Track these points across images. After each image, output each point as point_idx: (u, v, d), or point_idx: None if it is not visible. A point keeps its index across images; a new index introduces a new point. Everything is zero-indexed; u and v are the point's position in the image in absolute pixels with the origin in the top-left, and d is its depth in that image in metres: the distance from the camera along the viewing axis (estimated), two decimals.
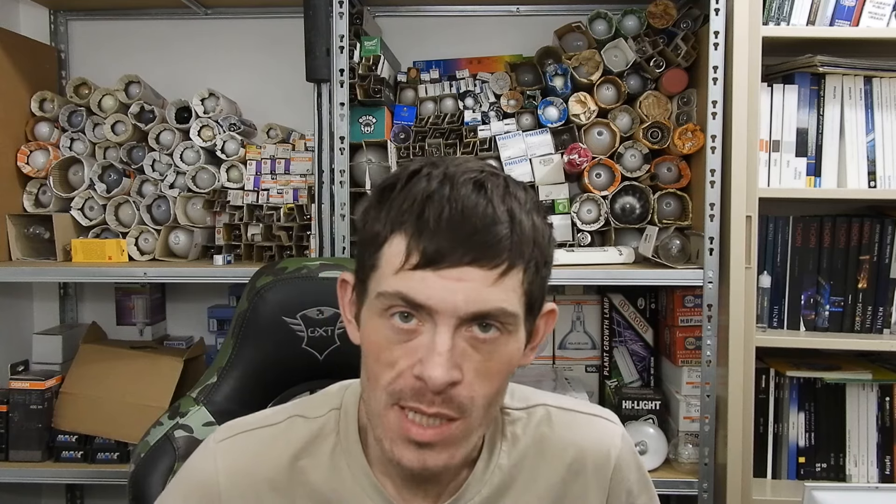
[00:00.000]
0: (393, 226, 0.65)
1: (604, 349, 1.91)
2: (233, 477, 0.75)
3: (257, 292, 1.06)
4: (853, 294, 1.68)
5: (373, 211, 0.68)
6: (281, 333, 1.04)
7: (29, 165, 1.87)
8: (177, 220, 1.82)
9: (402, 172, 0.68)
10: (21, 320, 2.06)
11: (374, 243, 0.67)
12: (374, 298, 0.66)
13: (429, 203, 0.64)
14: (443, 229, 0.63)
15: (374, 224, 0.67)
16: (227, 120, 1.86)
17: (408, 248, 0.64)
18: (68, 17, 2.06)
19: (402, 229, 0.65)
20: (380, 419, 0.68)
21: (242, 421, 0.80)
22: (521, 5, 1.97)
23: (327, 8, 1.61)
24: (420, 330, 0.65)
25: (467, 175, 0.66)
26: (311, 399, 0.82)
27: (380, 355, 0.66)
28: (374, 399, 0.68)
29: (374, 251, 0.67)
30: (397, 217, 0.65)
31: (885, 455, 1.70)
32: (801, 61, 1.65)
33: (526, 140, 1.79)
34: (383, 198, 0.68)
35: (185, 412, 1.02)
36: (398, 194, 0.66)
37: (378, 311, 0.66)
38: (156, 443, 0.99)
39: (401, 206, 0.65)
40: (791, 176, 1.66)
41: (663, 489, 1.70)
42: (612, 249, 1.72)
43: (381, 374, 0.66)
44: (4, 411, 1.76)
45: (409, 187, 0.66)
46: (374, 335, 0.67)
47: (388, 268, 0.65)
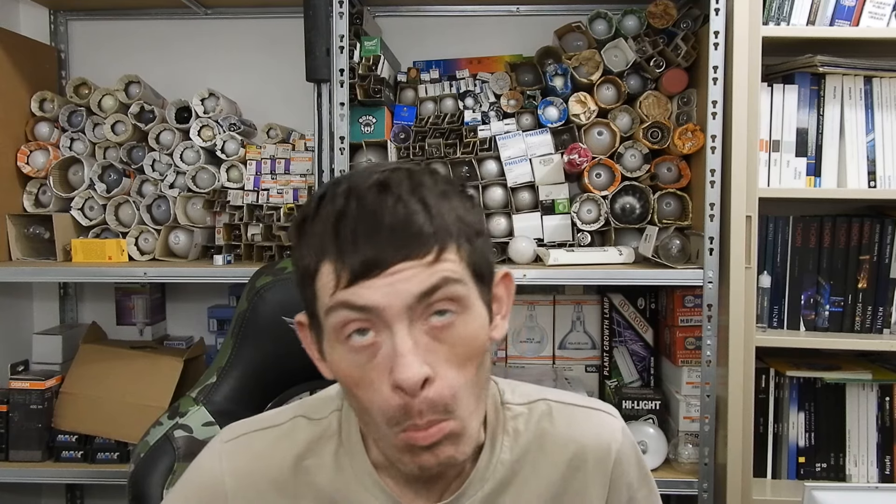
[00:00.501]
0: (317, 256, 0.65)
1: (604, 349, 1.91)
2: (239, 478, 0.75)
3: (257, 292, 1.06)
4: (853, 294, 1.68)
5: (297, 249, 0.68)
6: (280, 333, 1.04)
7: (29, 165, 1.87)
8: (177, 220, 1.82)
9: (311, 202, 0.68)
10: (21, 320, 2.06)
11: (307, 277, 0.67)
12: (326, 321, 0.66)
13: (341, 223, 0.63)
14: (361, 243, 0.63)
15: (301, 260, 0.67)
16: (227, 120, 1.86)
17: (336, 272, 0.63)
18: (68, 17, 2.06)
19: (326, 257, 0.64)
20: (390, 445, 0.68)
21: (247, 422, 0.80)
22: (521, 5, 1.98)
23: (327, 8, 1.61)
24: (379, 342, 0.64)
25: (369, 181, 0.65)
26: (313, 400, 0.82)
27: (358, 382, 0.66)
28: (372, 425, 0.68)
29: (309, 284, 0.67)
30: (318, 246, 0.65)
31: (885, 455, 1.70)
32: (801, 61, 1.65)
33: (526, 140, 1.79)
34: (302, 232, 0.68)
35: (185, 412, 1.02)
36: (311, 225, 0.66)
37: (334, 334, 0.65)
38: (155, 443, 0.99)
39: (318, 235, 0.65)
40: (791, 176, 1.66)
41: (663, 489, 1.69)
42: (612, 249, 1.72)
43: (369, 400, 0.65)
44: (4, 411, 1.77)
45: (320, 214, 0.65)
46: (343, 363, 0.66)
47: (325, 295, 0.65)
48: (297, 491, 0.75)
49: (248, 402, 1.04)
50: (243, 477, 0.75)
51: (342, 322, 0.64)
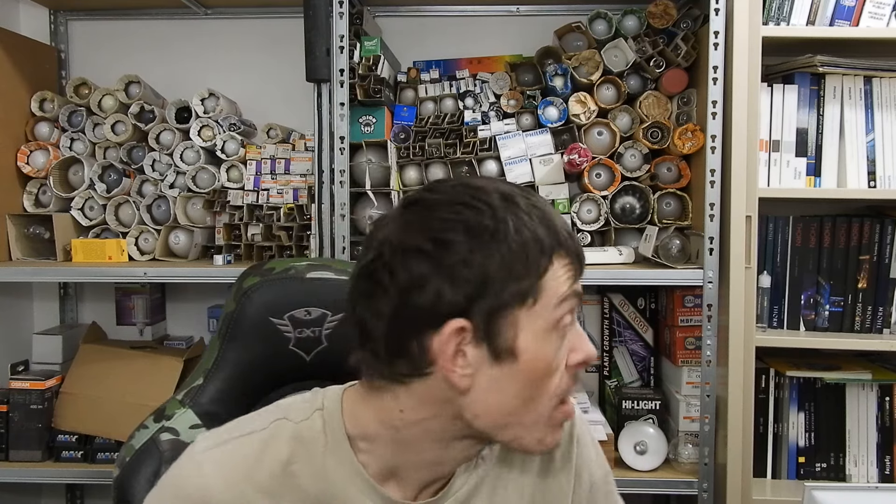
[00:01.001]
0: (552, 252, 0.71)
1: (604, 349, 1.91)
2: (226, 487, 0.73)
3: (244, 293, 1.04)
4: (853, 294, 1.68)
5: (490, 245, 0.69)
6: (268, 334, 1.03)
7: (29, 165, 1.87)
8: (177, 220, 1.83)
9: (478, 200, 0.70)
10: (21, 320, 2.06)
11: (530, 275, 0.69)
12: (553, 311, 0.71)
13: (564, 225, 0.73)
14: (574, 245, 0.73)
15: (515, 261, 0.69)
16: (227, 120, 1.86)
17: (571, 265, 0.72)
18: (68, 17, 2.06)
19: (561, 251, 0.71)
20: (544, 425, 0.74)
21: (225, 429, 0.78)
22: (521, 5, 1.98)
23: (327, 8, 1.61)
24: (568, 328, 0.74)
25: (541, 197, 0.75)
26: (291, 403, 0.81)
27: (551, 368, 0.72)
28: (539, 413, 0.73)
29: (533, 280, 0.70)
30: (552, 243, 0.71)
31: (884, 455, 1.70)
32: (801, 61, 1.65)
33: (526, 140, 1.79)
34: (498, 231, 0.69)
35: (171, 415, 1.00)
36: (529, 224, 0.70)
37: (553, 324, 0.71)
38: (141, 446, 0.97)
39: (551, 234, 0.71)
40: (791, 176, 1.66)
41: (663, 489, 1.70)
42: (612, 249, 1.72)
43: (550, 384, 0.72)
44: (4, 411, 1.76)
45: (536, 217, 0.71)
46: (549, 350, 0.71)
47: (560, 286, 0.71)
48: (285, 495, 0.74)
49: (235, 403, 1.01)
50: (231, 486, 0.73)
51: (569, 309, 0.72)
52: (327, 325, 1.03)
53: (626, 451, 1.69)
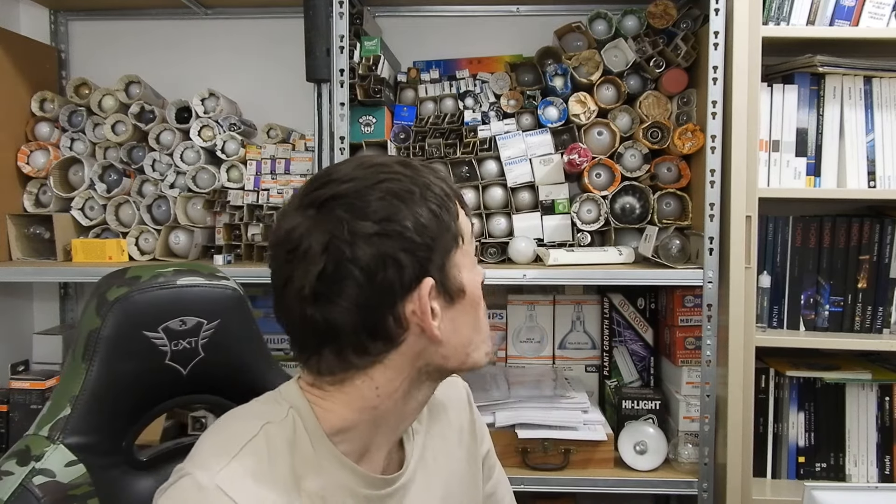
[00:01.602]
0: (454, 199, 0.81)
1: (604, 349, 1.91)
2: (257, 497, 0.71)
3: (110, 307, 0.91)
4: (853, 294, 1.68)
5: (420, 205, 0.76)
6: (142, 350, 0.92)
7: (29, 165, 1.87)
8: (177, 220, 1.83)
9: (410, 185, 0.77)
10: (21, 320, 2.06)
11: (451, 222, 0.79)
12: (471, 245, 0.82)
13: (441, 174, 0.82)
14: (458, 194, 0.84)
15: (438, 214, 0.77)
16: (227, 120, 1.86)
17: (463, 206, 0.83)
18: (68, 17, 2.06)
19: (457, 196, 0.82)
20: (485, 338, 0.83)
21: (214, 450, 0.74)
22: (521, 5, 1.98)
23: (327, 8, 1.61)
24: None
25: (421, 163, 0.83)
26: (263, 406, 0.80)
27: (480, 289, 0.83)
28: (482, 331, 0.83)
29: (454, 228, 0.79)
30: (449, 196, 0.80)
31: (884, 455, 1.70)
32: (800, 61, 1.65)
33: (526, 140, 1.79)
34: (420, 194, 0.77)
35: (40, 455, 0.86)
36: (433, 185, 0.79)
37: (474, 260, 0.83)
38: (9, 497, 0.82)
39: (445, 189, 0.80)
40: (791, 176, 1.66)
41: (663, 489, 1.70)
42: (612, 249, 1.72)
43: (483, 304, 0.83)
44: (5, 411, 1.76)
45: (432, 177, 0.79)
46: (477, 275, 0.82)
47: (467, 225, 0.82)
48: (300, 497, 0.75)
49: (111, 430, 0.92)
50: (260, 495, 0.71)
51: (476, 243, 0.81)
52: (203, 334, 0.96)
53: (626, 451, 1.69)
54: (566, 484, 1.65)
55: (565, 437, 1.66)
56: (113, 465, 0.91)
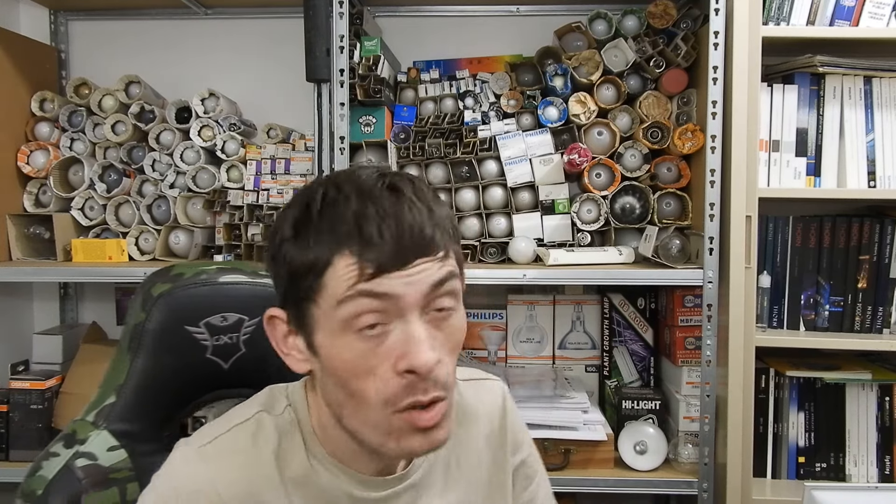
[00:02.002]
0: (332, 250, 0.68)
1: (604, 349, 1.91)
2: (229, 480, 0.74)
3: (155, 302, 0.97)
4: (853, 294, 1.68)
5: (294, 241, 0.70)
6: (184, 344, 0.97)
7: (29, 165, 1.87)
8: (177, 220, 1.83)
9: (308, 200, 0.70)
10: (21, 320, 2.06)
11: (313, 271, 0.69)
12: (336, 311, 0.68)
13: (362, 220, 0.67)
14: (386, 240, 0.67)
15: (303, 254, 0.69)
16: (227, 120, 1.86)
17: (358, 265, 0.67)
18: (68, 17, 2.06)
19: (344, 250, 0.67)
20: (380, 428, 0.71)
21: (205, 430, 0.79)
22: (521, 5, 1.98)
23: (327, 8, 1.61)
24: (388, 331, 0.69)
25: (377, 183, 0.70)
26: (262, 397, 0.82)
27: (357, 371, 0.69)
28: (366, 415, 0.70)
29: (314, 279, 0.69)
30: (334, 242, 0.68)
31: (884, 455, 1.70)
32: (801, 61, 1.65)
33: (526, 140, 1.79)
34: (303, 229, 0.70)
35: (84, 438, 0.92)
36: (320, 221, 0.69)
37: (343, 324, 0.68)
38: (54, 476, 0.88)
39: (332, 231, 0.68)
40: (791, 176, 1.66)
41: (663, 489, 1.70)
42: (612, 249, 1.72)
43: (365, 388, 0.69)
44: (5, 411, 1.76)
45: (329, 211, 0.69)
46: (346, 353, 0.69)
47: (340, 286, 0.67)
48: (282, 484, 0.77)
49: (153, 419, 0.96)
50: (233, 478, 0.74)
51: (357, 312, 0.67)
52: (245, 330, 0.99)
53: (626, 451, 1.69)
54: (566, 484, 1.65)
55: (565, 437, 1.66)
56: (154, 452, 0.94)
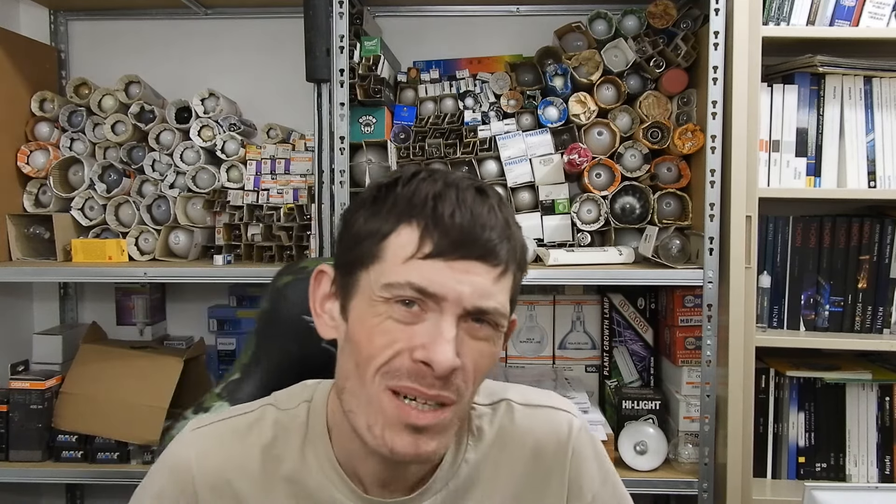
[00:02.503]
0: (400, 218, 0.68)
1: (604, 349, 1.91)
2: (205, 462, 0.77)
3: (278, 291, 1.07)
4: (853, 294, 1.68)
5: (370, 207, 0.71)
6: (301, 332, 1.04)
7: (29, 165, 1.87)
8: (177, 220, 1.82)
9: (400, 174, 0.71)
10: (21, 320, 2.06)
11: (375, 236, 0.69)
12: (379, 289, 0.68)
13: (440, 200, 0.67)
14: (456, 224, 0.66)
15: (372, 220, 0.70)
16: (227, 120, 1.86)
17: (421, 238, 0.66)
18: (68, 17, 2.06)
19: (413, 221, 0.67)
20: (371, 405, 0.69)
21: (224, 410, 0.83)
22: (521, 5, 1.98)
23: (327, 8, 1.61)
24: (423, 317, 0.67)
25: (467, 182, 0.70)
26: (285, 391, 0.84)
27: (374, 338, 0.68)
28: (365, 385, 0.69)
29: (374, 243, 0.69)
30: (406, 210, 0.68)
31: (885, 455, 1.70)
32: (801, 61, 1.65)
33: (526, 140, 1.79)
34: (382, 195, 0.70)
35: (209, 407, 1.03)
36: (403, 190, 0.69)
37: (381, 292, 0.68)
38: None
39: (410, 201, 0.68)
40: (791, 176, 1.66)
41: (663, 489, 1.70)
42: (612, 249, 1.72)
43: (374, 356, 0.68)
44: (4, 411, 1.76)
45: (414, 186, 0.69)
46: (374, 318, 0.68)
47: (396, 257, 0.67)
48: (264, 478, 0.77)
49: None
50: (210, 463, 0.77)
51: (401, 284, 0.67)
52: None
53: (626, 451, 1.69)
54: None
55: None
56: None
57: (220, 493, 0.76)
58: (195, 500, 0.77)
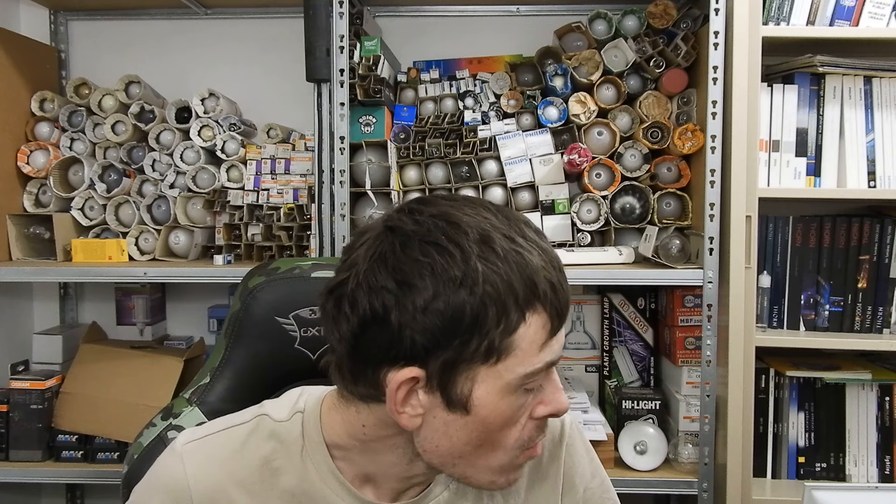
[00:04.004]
0: (525, 307, 0.66)
1: (604, 349, 1.91)
2: (203, 479, 0.75)
3: (249, 292, 1.05)
4: (853, 294, 1.68)
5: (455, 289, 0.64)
6: (274, 333, 1.03)
7: (29, 165, 1.87)
8: (177, 220, 1.83)
9: (461, 253, 0.65)
10: (21, 320, 2.06)
11: (501, 326, 0.65)
12: (518, 379, 0.67)
13: (557, 284, 0.68)
14: (564, 297, 0.69)
15: (484, 300, 0.64)
16: (227, 120, 1.86)
17: (552, 324, 0.68)
18: (68, 17, 2.06)
19: (538, 308, 0.66)
20: (503, 470, 0.73)
21: (209, 424, 0.81)
22: (521, 5, 1.98)
23: (327, 8, 1.61)
24: (540, 385, 0.72)
25: (533, 236, 0.69)
26: (275, 401, 0.82)
27: (509, 422, 0.70)
28: (495, 460, 0.71)
29: (503, 336, 0.65)
30: (526, 296, 0.65)
31: (884, 455, 1.70)
32: (801, 61, 1.65)
33: (526, 140, 1.79)
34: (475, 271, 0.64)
35: (178, 413, 1.01)
36: (498, 268, 0.64)
37: (518, 382, 0.68)
38: (149, 444, 0.98)
39: (527, 284, 0.65)
40: (791, 176, 1.66)
41: (663, 489, 1.70)
42: (612, 249, 1.72)
43: (507, 436, 0.70)
44: (5, 411, 1.76)
45: (515, 263, 0.65)
46: (507, 409, 0.69)
47: (532, 346, 0.67)
48: (263, 491, 0.76)
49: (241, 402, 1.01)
50: (209, 478, 0.75)
51: (537, 380, 0.69)
52: None
53: (626, 451, 1.69)
54: None
55: None
56: None
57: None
58: None
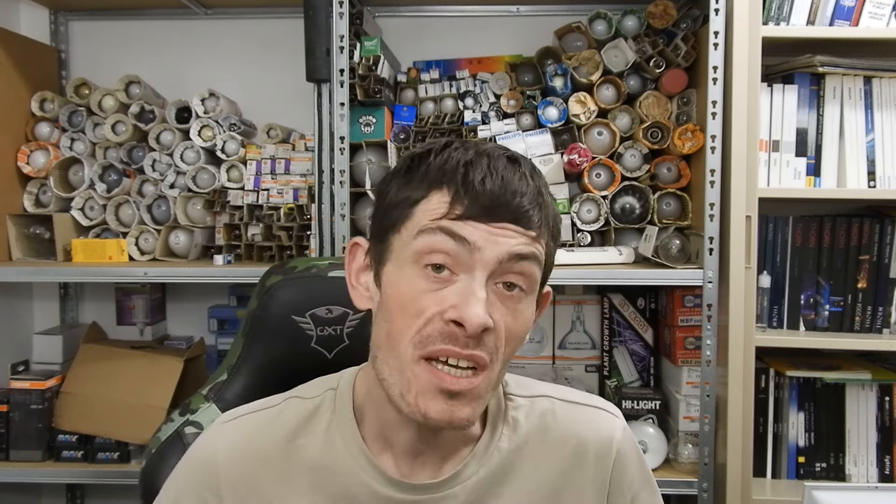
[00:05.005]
0: (431, 185, 0.69)
1: (604, 349, 1.91)
2: (230, 456, 0.77)
3: (267, 291, 1.06)
4: (853, 294, 1.68)
5: (403, 177, 0.72)
6: (290, 332, 1.05)
7: (29, 165, 1.87)
8: (177, 220, 1.83)
9: (433, 144, 0.73)
10: (21, 320, 2.06)
11: (406, 203, 0.70)
12: (412, 242, 0.69)
13: (471, 167, 0.68)
14: (487, 191, 0.67)
15: (404, 188, 0.71)
16: (227, 120, 1.86)
17: (451, 202, 0.68)
18: (68, 17, 2.06)
19: (444, 187, 0.69)
20: (405, 374, 0.69)
21: (246, 405, 0.83)
22: (521, 5, 1.98)
23: (327, 8, 1.61)
24: (452, 280, 0.68)
25: (499, 151, 0.71)
26: (309, 384, 0.84)
27: (407, 306, 0.68)
28: (398, 355, 0.69)
29: (406, 208, 0.70)
30: (437, 177, 0.69)
31: (884, 455, 1.70)
32: (800, 61, 1.65)
33: (526, 140, 1.79)
34: (415, 164, 0.72)
35: (196, 409, 1.03)
36: (435, 159, 0.70)
37: (413, 257, 0.69)
38: (166, 439, 0.99)
39: (441, 168, 0.69)
40: (791, 176, 1.66)
41: (663, 489, 1.69)
42: (612, 249, 1.72)
43: (408, 325, 0.68)
44: (5, 411, 1.77)
45: (446, 155, 0.70)
46: (404, 285, 0.69)
47: (426, 217, 0.68)
48: (287, 468, 0.77)
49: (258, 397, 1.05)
50: (235, 455, 0.77)
51: (431, 247, 0.68)
52: (349, 323, 1.05)
53: None
54: None
55: None
56: None
57: (244, 484, 0.77)
58: (218, 492, 0.77)
